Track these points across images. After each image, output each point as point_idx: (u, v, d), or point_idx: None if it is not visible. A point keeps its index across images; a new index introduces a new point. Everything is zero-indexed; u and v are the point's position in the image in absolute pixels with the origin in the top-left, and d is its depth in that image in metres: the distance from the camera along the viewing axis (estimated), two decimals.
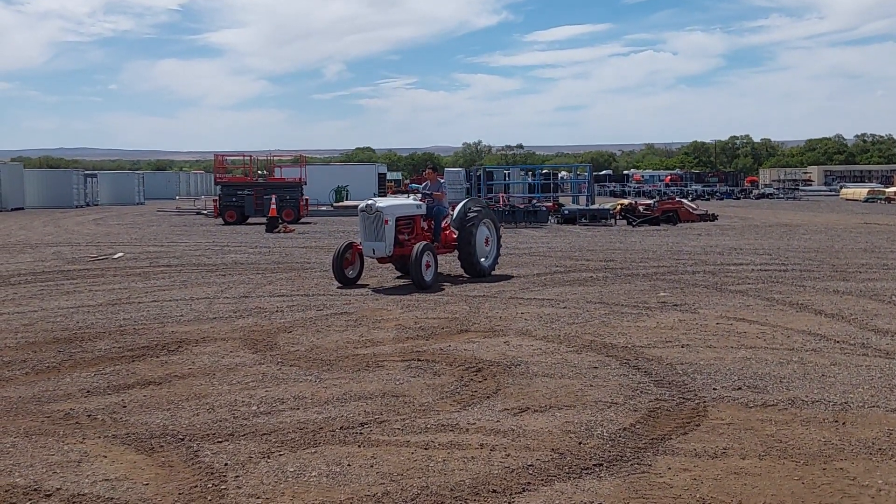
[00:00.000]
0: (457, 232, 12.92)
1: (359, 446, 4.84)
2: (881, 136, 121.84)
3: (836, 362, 6.89)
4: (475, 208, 13.13)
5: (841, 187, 62.45)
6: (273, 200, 26.32)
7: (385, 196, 49.71)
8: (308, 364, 6.96)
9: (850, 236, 21.53)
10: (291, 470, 4.47)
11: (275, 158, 38.24)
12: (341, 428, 5.18)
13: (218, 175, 31.58)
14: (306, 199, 30.88)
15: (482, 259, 13.00)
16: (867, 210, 38.66)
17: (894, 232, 22.94)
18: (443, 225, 13.26)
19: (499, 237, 13.57)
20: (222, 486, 4.23)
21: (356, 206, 13.78)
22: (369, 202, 12.33)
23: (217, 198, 30.60)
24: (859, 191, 54.20)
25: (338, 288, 11.77)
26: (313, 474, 4.40)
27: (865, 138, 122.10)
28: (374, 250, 12.15)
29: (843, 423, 5.22)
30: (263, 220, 26.34)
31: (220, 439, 4.98)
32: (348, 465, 4.54)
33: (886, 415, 5.41)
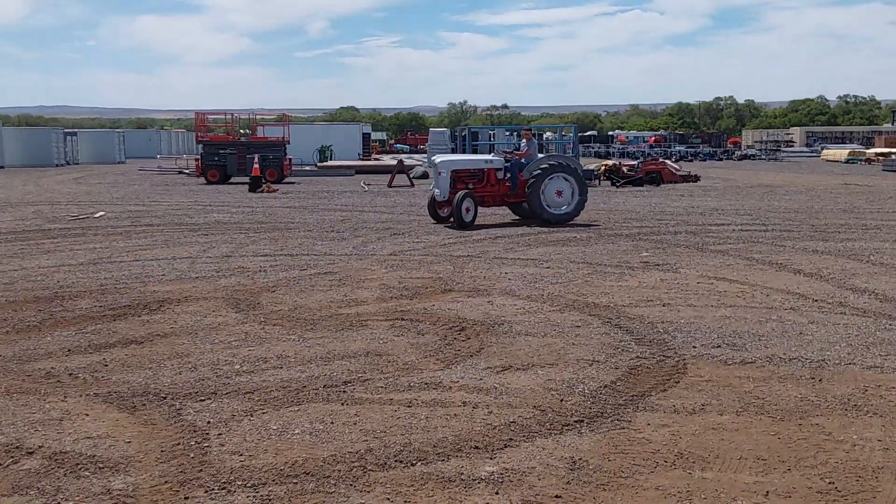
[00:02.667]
0: None
1: (342, 404, 4.87)
2: (863, 98, 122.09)
3: (813, 321, 6.98)
4: (543, 164, 14.96)
5: (822, 148, 62.66)
6: (256, 160, 26.04)
7: (371, 156, 49.40)
8: (291, 323, 6.96)
9: (830, 197, 21.68)
10: (274, 428, 4.49)
11: (258, 117, 37.73)
12: (324, 386, 5.20)
13: (200, 134, 31.17)
14: (290, 159, 30.55)
15: (549, 208, 14.83)
16: (847, 171, 38.88)
17: (874, 193, 23.12)
18: (521, 179, 15.22)
19: (579, 191, 15.02)
20: (205, 444, 4.25)
21: (340, 166, 15.47)
22: (433, 157, 15.73)
23: (199, 157, 30.25)
24: (840, 152, 54.42)
25: (432, 224, 14.74)
26: (296, 432, 4.43)
27: (848, 100, 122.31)
28: (437, 193, 15.01)
29: (820, 380, 5.31)
30: (246, 179, 26.09)
31: (202, 398, 4.99)
32: (331, 422, 4.57)
33: (862, 372, 5.50)
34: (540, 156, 15.75)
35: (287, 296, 8.18)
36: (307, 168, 37.29)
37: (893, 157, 44.08)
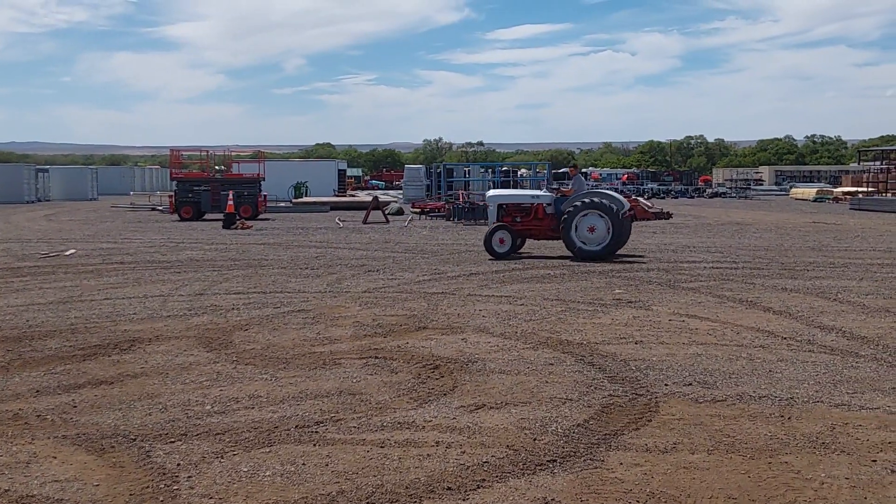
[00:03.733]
0: None
1: (314, 445, 4.84)
2: (830, 138, 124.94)
3: (783, 358, 7.07)
4: (577, 202, 15.31)
5: (791, 187, 63.83)
6: (230, 196, 26.00)
7: (346, 192, 49.45)
8: (264, 362, 6.92)
9: (799, 235, 22.07)
10: (245, 469, 4.44)
11: (232, 154, 37.72)
12: (297, 427, 5.17)
13: (174, 170, 31.08)
14: (265, 196, 30.55)
15: (582, 244, 15.16)
16: (816, 209, 39.63)
17: (841, 231, 23.57)
18: None
19: (614, 228, 15.00)
20: (174, 487, 4.19)
21: (315, 203, 15.65)
22: (487, 192, 18.12)
23: (173, 193, 30.12)
24: (808, 190, 55.46)
25: (489, 260, 15.19)
26: (267, 474, 4.39)
27: (815, 139, 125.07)
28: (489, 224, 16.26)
29: (789, 418, 5.37)
30: (220, 216, 26.00)
31: (172, 439, 4.93)
32: (303, 464, 4.53)
33: (830, 410, 5.57)
34: (583, 192, 16.03)
35: (260, 334, 8.13)
36: (282, 204, 37.27)
37: (860, 195, 45.05)
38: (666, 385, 6.19)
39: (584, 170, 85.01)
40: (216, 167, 33.60)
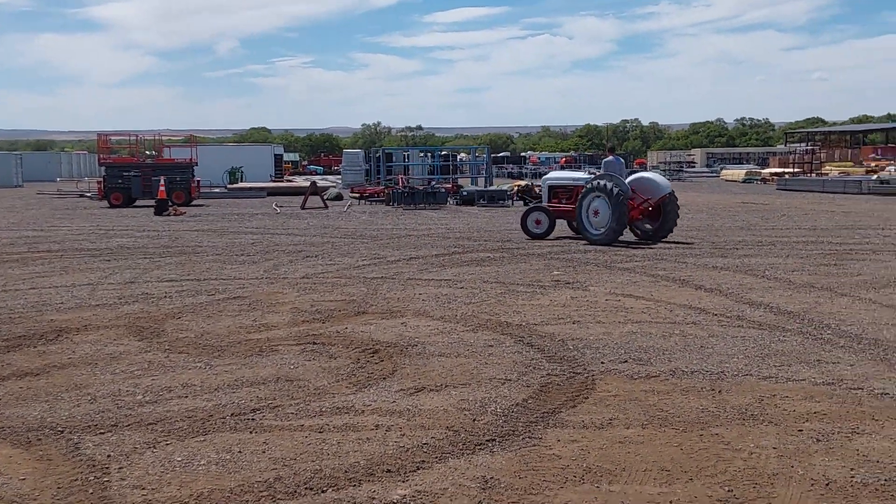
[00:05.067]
0: None
1: (250, 433, 4.76)
2: (759, 120, 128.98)
3: (713, 334, 7.27)
4: (590, 183, 14.87)
5: (722, 168, 65.56)
6: (162, 182, 25.31)
7: (283, 177, 48.69)
8: (198, 351, 6.77)
9: (729, 215, 22.69)
10: (179, 459, 4.34)
11: (164, 138, 36.72)
12: (232, 415, 5.07)
13: (102, 156, 30.09)
14: (198, 181, 29.86)
15: (588, 228, 14.78)
16: (745, 190, 40.81)
17: (769, 211, 24.33)
18: None
19: (616, 213, 14.33)
20: (105, 479, 4.07)
21: (251, 188, 14.87)
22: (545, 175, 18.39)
23: (102, 179, 29.18)
24: (738, 172, 57.02)
25: (526, 240, 15.47)
26: (202, 463, 4.30)
27: (744, 122, 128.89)
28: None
29: (720, 392, 5.53)
30: (152, 202, 25.30)
31: (102, 430, 4.78)
32: (239, 451, 4.45)
33: (758, 382, 5.75)
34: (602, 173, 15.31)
35: (193, 322, 7.95)
36: (217, 190, 36.50)
37: (786, 176, 46.59)
38: (602, 363, 6.29)
39: (526, 153, 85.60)
40: (147, 152, 32.67)
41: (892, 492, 3.88)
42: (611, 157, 15.98)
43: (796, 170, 53.44)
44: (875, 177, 37.09)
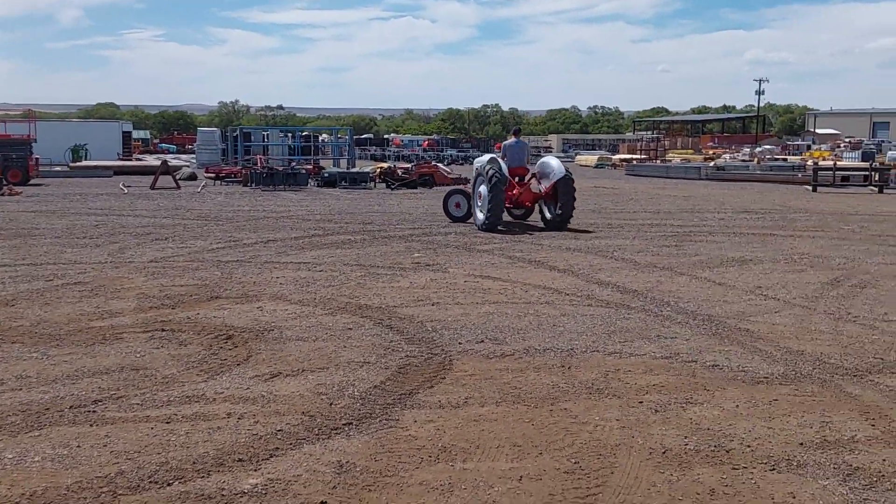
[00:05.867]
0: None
1: (91, 426, 4.49)
2: (609, 109, 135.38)
3: (565, 313, 7.57)
4: (480, 169, 14.73)
5: (576, 154, 68.29)
6: None
7: (132, 156, 46.13)
8: (33, 340, 6.30)
9: (582, 199, 23.58)
10: (10, 457, 4.03)
11: None
12: (71, 407, 4.77)
13: None
14: (37, 159, 27.76)
15: (478, 214, 14.66)
16: (597, 175, 42.67)
17: (618, 195, 25.58)
18: None
19: (493, 199, 14.02)
20: None
21: (96, 167, 13.71)
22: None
23: None
24: (591, 158, 59.60)
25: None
26: (36, 459, 4.01)
27: (597, 110, 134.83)
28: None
29: (569, 368, 5.77)
30: None
31: None
32: (78, 446, 4.19)
33: (604, 358, 6.05)
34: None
35: (29, 310, 7.39)
36: (58, 169, 34.13)
37: (634, 162, 49.20)
38: (460, 343, 6.40)
39: (390, 135, 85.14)
40: None
41: (720, 457, 4.19)
42: (511, 140, 15.43)
43: (643, 156, 56.61)
44: (712, 164, 39.98)
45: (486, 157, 15.51)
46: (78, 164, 36.79)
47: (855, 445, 4.35)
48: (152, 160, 39.50)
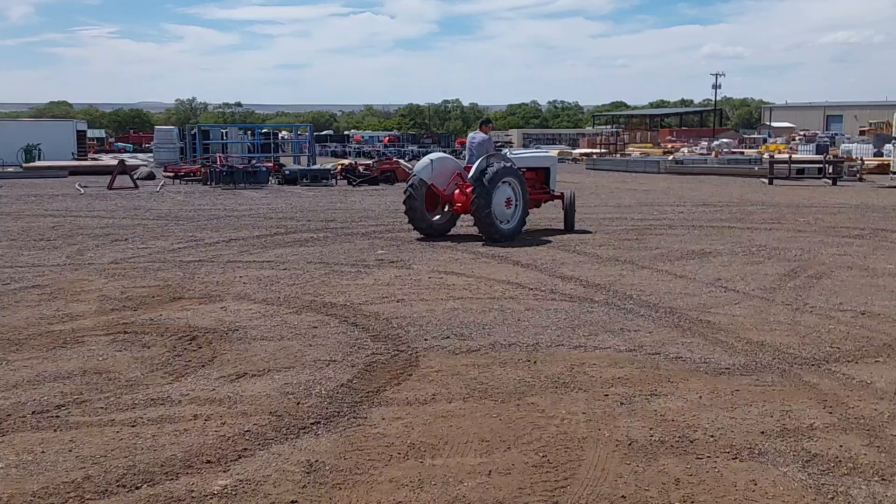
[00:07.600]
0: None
1: (55, 431, 4.42)
2: (569, 103, 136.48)
3: (529, 307, 7.64)
4: (496, 164, 12.24)
5: (537, 149, 68.86)
6: None
7: (87, 155, 45.25)
8: None
9: None
10: None
11: None
12: (33, 413, 4.69)
13: None
14: None
15: (501, 223, 12.26)
16: (559, 169, 43.06)
17: (579, 189, 25.79)
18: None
19: (524, 199, 12.60)
20: None
21: (50, 167, 13.15)
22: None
23: None
24: (552, 152, 60.12)
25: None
26: (0, 466, 3.94)
27: (557, 104, 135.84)
28: None
29: (535, 362, 5.83)
30: None
31: None
32: (42, 452, 4.13)
33: (569, 352, 6.13)
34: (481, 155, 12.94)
35: None
36: (10, 170, 33.33)
37: (594, 156, 49.66)
38: (426, 340, 6.43)
39: (350, 132, 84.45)
40: None
41: (685, 447, 4.29)
42: (477, 135, 13.51)
43: (603, 150, 57.14)
44: (671, 157, 40.52)
45: (519, 151, 13.94)
46: (31, 164, 35.95)
47: (813, 433, 4.48)
48: (108, 159, 38.76)
